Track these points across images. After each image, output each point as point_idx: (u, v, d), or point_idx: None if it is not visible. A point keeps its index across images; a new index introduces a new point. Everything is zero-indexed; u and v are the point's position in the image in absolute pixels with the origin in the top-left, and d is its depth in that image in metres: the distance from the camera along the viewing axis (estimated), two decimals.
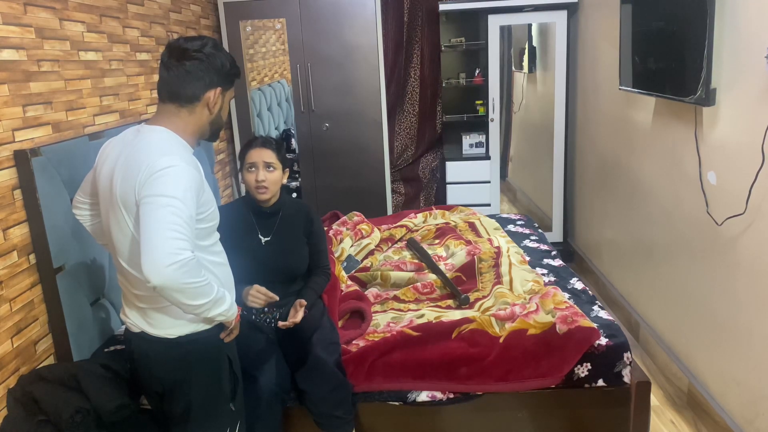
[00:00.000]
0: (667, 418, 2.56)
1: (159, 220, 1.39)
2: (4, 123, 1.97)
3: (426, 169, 4.87)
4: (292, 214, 2.23)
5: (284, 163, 2.15)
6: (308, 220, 2.26)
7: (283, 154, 2.15)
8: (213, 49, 1.57)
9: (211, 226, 1.63)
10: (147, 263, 1.37)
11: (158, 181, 1.43)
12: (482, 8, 4.09)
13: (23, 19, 2.09)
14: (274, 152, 2.10)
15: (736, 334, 2.25)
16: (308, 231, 2.25)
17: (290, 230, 2.22)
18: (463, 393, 2.15)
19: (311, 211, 2.30)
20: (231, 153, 4.34)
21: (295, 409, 2.12)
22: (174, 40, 1.60)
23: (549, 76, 4.18)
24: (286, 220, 2.21)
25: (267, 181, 2.08)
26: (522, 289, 2.48)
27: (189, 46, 1.55)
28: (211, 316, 1.55)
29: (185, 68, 1.54)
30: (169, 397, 1.66)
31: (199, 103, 1.58)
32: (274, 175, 2.10)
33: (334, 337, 2.18)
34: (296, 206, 2.27)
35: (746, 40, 2.09)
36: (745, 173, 2.12)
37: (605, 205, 3.62)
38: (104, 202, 1.59)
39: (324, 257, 2.32)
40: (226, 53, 1.62)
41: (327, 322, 2.22)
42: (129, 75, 2.84)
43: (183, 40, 1.58)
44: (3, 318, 1.93)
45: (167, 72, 1.56)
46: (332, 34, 4.04)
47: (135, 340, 1.65)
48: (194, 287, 1.44)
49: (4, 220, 1.95)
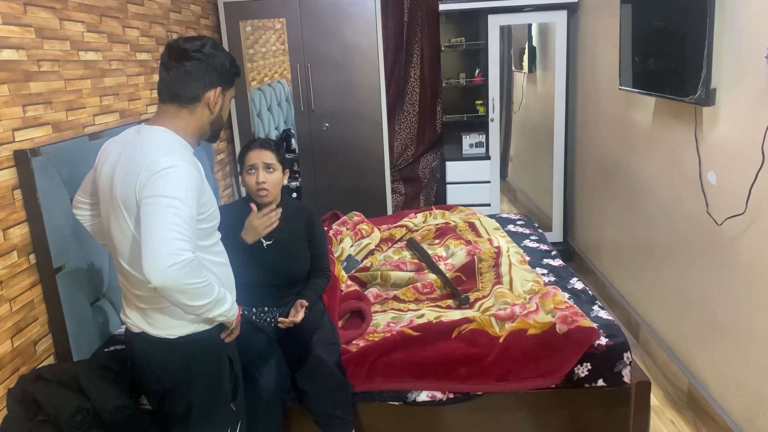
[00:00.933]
0: (667, 418, 2.56)
1: (160, 220, 1.39)
2: (4, 123, 1.97)
3: (426, 169, 4.87)
4: (294, 217, 2.23)
5: (284, 164, 2.15)
6: (309, 224, 2.25)
7: (282, 155, 2.14)
8: (212, 49, 1.57)
9: (212, 226, 1.63)
10: (148, 264, 1.37)
11: (159, 182, 1.43)
12: (482, 8, 4.09)
13: (23, 19, 2.09)
14: (273, 153, 2.10)
15: (736, 334, 2.25)
16: (309, 234, 2.25)
17: (292, 234, 2.21)
18: (463, 393, 2.15)
19: (313, 214, 2.29)
20: (231, 153, 4.34)
21: (295, 409, 2.12)
22: (173, 40, 1.59)
23: (549, 76, 4.18)
24: (287, 223, 2.20)
25: (267, 183, 2.07)
26: (522, 289, 2.48)
27: (188, 46, 1.55)
28: (212, 317, 1.55)
29: (185, 69, 1.54)
30: (169, 397, 1.66)
31: (200, 103, 1.58)
32: (275, 176, 2.10)
33: (334, 337, 2.18)
34: (297, 209, 2.27)
35: (746, 40, 2.09)
36: (745, 173, 2.12)
37: (605, 205, 3.62)
38: (104, 203, 1.59)
39: (324, 259, 2.31)
40: (226, 53, 1.62)
41: (327, 323, 2.22)
42: (129, 75, 2.84)
43: (182, 40, 1.57)
44: (3, 318, 1.93)
45: (167, 73, 1.56)
46: (332, 34, 4.04)
47: (136, 340, 1.65)
48: (195, 288, 1.43)
49: (4, 220, 1.95)
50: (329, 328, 2.21)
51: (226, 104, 1.67)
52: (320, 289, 2.28)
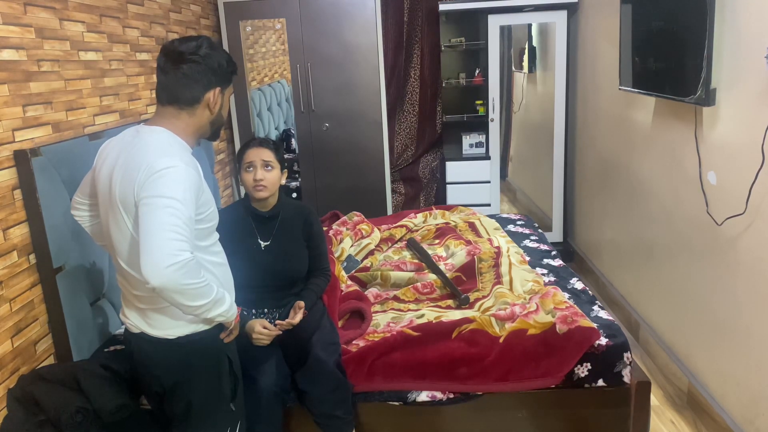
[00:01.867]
0: (667, 418, 2.56)
1: (158, 221, 1.39)
2: (4, 123, 1.97)
3: (426, 169, 4.87)
4: (291, 217, 2.21)
5: (282, 163, 2.15)
6: (308, 223, 2.23)
7: (281, 154, 2.14)
8: (209, 50, 1.56)
9: (211, 226, 1.63)
10: (146, 264, 1.37)
11: (158, 182, 1.43)
12: (482, 8, 4.09)
13: (23, 19, 2.09)
14: (271, 151, 2.10)
15: (736, 334, 2.25)
16: (308, 234, 2.23)
17: (289, 234, 2.19)
18: (463, 393, 2.15)
19: (311, 213, 2.27)
20: (231, 153, 4.34)
21: (295, 409, 2.12)
22: (168, 42, 1.58)
23: (549, 76, 4.18)
24: (285, 223, 2.19)
25: (265, 180, 2.07)
26: (522, 289, 2.48)
27: (184, 48, 1.54)
28: (210, 317, 1.55)
29: (183, 72, 1.54)
30: (169, 397, 1.66)
31: (200, 105, 1.58)
32: (273, 174, 2.09)
33: (334, 337, 2.18)
34: (295, 209, 2.25)
35: (746, 40, 2.09)
36: (745, 173, 2.12)
37: (605, 205, 3.62)
38: (103, 203, 1.59)
39: (324, 259, 2.30)
40: (222, 51, 1.61)
41: (327, 323, 2.22)
42: (129, 75, 2.84)
43: (178, 42, 1.57)
44: (3, 318, 1.93)
45: (165, 76, 1.56)
46: (332, 34, 4.04)
47: (135, 340, 1.65)
48: (194, 288, 1.43)
49: (4, 220, 1.95)
50: (329, 328, 2.21)
51: (225, 102, 1.67)
52: (320, 289, 2.27)
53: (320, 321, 2.20)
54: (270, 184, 2.09)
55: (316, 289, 2.24)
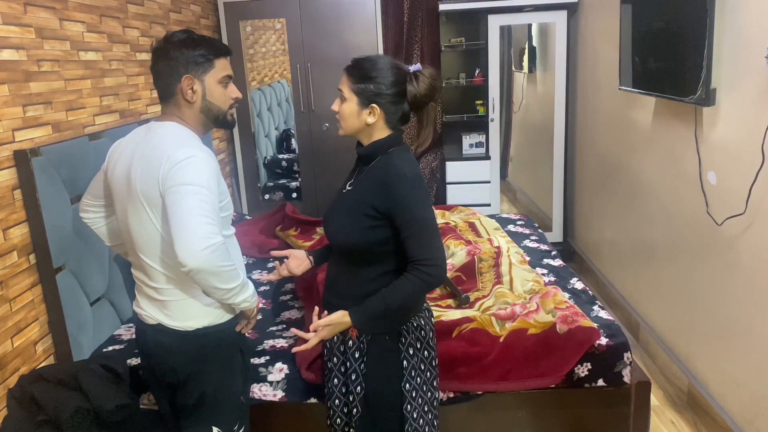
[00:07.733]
0: (667, 418, 2.56)
1: (189, 206, 1.41)
2: (4, 123, 1.97)
3: (426, 169, 4.87)
4: (375, 171, 1.64)
5: (367, 97, 1.64)
6: (384, 185, 1.56)
7: (365, 86, 1.65)
8: (177, 42, 1.55)
9: (228, 215, 1.65)
10: (182, 248, 1.38)
11: (182, 171, 1.45)
12: (482, 8, 4.09)
13: (23, 19, 2.09)
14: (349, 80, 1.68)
15: (736, 334, 2.25)
16: (383, 203, 1.54)
17: (361, 190, 1.65)
18: (463, 392, 2.15)
19: (395, 174, 1.58)
20: (231, 153, 4.34)
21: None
22: (155, 42, 1.61)
23: (549, 76, 4.18)
24: (367, 174, 1.67)
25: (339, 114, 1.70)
26: (522, 288, 2.48)
27: (158, 46, 1.57)
28: (238, 301, 1.57)
29: (158, 69, 1.58)
30: (182, 388, 1.67)
31: (178, 97, 1.59)
32: (347, 106, 1.68)
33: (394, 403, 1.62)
34: (384, 165, 1.65)
35: (746, 40, 2.09)
36: (745, 173, 2.12)
37: (605, 205, 3.62)
38: (120, 201, 1.60)
39: (415, 245, 1.51)
40: (193, 38, 1.56)
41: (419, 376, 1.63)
42: (129, 75, 2.84)
43: (160, 41, 1.59)
44: (3, 318, 1.93)
45: (152, 74, 1.61)
46: (332, 34, 4.04)
47: (150, 332, 1.65)
48: (226, 271, 1.47)
49: (4, 220, 1.95)
50: (422, 383, 1.63)
51: (213, 88, 1.59)
52: (400, 296, 1.52)
53: (387, 372, 1.60)
54: (342, 119, 1.71)
55: (390, 299, 1.52)
